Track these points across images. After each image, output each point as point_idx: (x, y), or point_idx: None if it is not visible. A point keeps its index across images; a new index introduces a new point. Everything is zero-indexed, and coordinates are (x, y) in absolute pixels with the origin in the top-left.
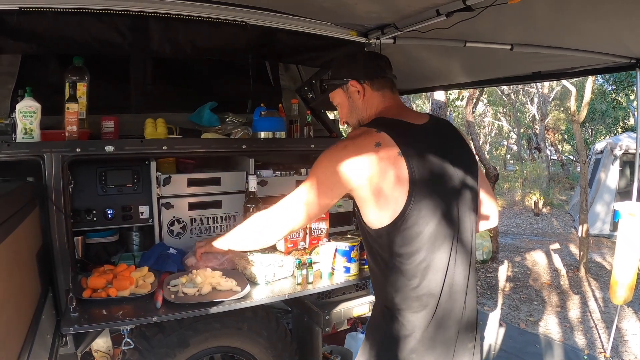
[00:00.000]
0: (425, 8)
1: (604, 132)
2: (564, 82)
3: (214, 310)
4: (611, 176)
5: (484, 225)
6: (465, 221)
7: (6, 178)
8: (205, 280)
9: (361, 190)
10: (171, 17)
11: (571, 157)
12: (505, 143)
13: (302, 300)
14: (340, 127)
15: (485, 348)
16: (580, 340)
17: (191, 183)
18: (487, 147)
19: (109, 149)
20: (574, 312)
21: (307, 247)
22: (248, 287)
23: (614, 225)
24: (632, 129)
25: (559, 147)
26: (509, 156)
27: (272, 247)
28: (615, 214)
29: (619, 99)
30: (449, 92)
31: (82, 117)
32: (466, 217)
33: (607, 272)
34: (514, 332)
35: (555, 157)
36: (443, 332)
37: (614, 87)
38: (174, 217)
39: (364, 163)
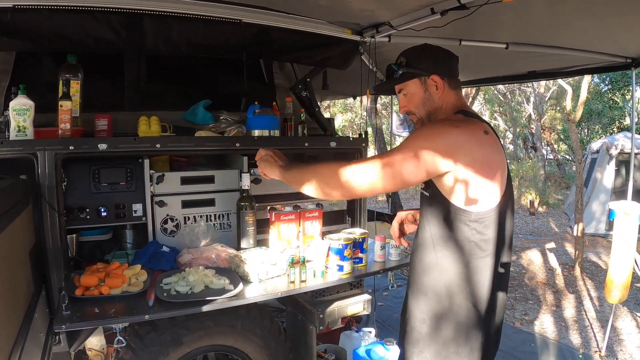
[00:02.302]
0: (420, 6)
1: (600, 131)
2: (560, 81)
3: (206, 308)
4: (607, 176)
5: None
6: None
7: None
8: (198, 278)
9: (466, 169)
10: (165, 14)
11: (567, 157)
12: (502, 142)
13: (296, 298)
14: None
15: None
16: (575, 339)
17: (184, 181)
18: None
19: (102, 146)
20: (569, 311)
21: (300, 245)
22: (241, 285)
23: (610, 225)
24: (628, 129)
25: (555, 146)
26: None
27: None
28: (610, 213)
29: (615, 98)
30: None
31: (75, 115)
32: None
33: (602, 272)
34: (509, 331)
35: (551, 157)
36: (496, 322)
37: (609, 87)
38: (167, 215)
39: (476, 145)
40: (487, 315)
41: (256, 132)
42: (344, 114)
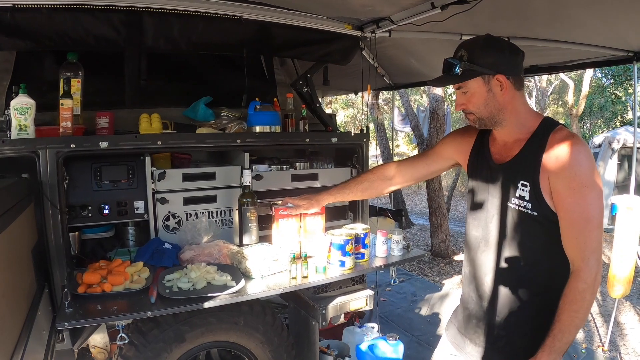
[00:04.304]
0: (421, 1)
1: (602, 126)
2: (562, 76)
3: (208, 304)
4: (609, 170)
5: None
6: None
7: (1, 175)
8: (200, 275)
9: None
10: (165, 12)
11: None
12: None
13: (299, 294)
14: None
15: None
16: (578, 333)
17: (186, 178)
18: None
19: (104, 144)
20: None
21: (302, 241)
22: (243, 282)
23: (612, 219)
24: (630, 123)
25: None
26: None
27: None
28: (612, 207)
29: (618, 93)
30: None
31: (76, 113)
32: None
33: (605, 266)
34: None
35: None
36: None
37: (611, 81)
38: (169, 212)
39: None
40: None
41: (257, 129)
42: (346, 109)
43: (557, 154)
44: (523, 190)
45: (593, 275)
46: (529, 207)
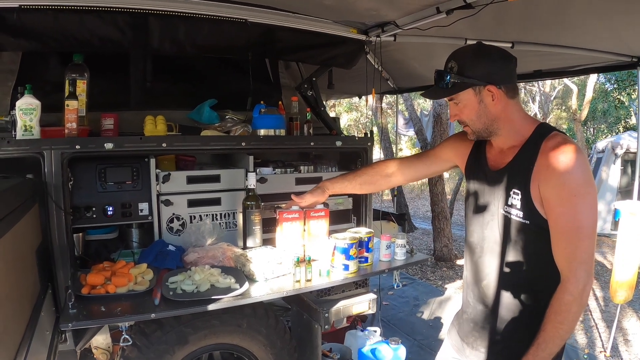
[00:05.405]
0: (426, 5)
1: (605, 131)
2: (566, 81)
3: (212, 307)
4: (612, 175)
5: None
6: None
7: (6, 175)
8: (204, 277)
9: None
10: (171, 14)
11: None
12: None
13: (302, 297)
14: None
15: None
16: (580, 339)
17: (190, 180)
18: None
19: (109, 146)
20: None
21: (306, 244)
22: (246, 284)
23: (615, 225)
24: (634, 128)
25: None
26: None
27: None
28: (615, 213)
29: (621, 98)
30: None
31: (81, 114)
32: None
33: (607, 272)
34: None
35: None
36: None
37: (615, 86)
38: (173, 214)
39: None
40: None
41: (262, 132)
42: (349, 113)
43: (547, 162)
44: (515, 198)
45: (581, 287)
46: (521, 216)
